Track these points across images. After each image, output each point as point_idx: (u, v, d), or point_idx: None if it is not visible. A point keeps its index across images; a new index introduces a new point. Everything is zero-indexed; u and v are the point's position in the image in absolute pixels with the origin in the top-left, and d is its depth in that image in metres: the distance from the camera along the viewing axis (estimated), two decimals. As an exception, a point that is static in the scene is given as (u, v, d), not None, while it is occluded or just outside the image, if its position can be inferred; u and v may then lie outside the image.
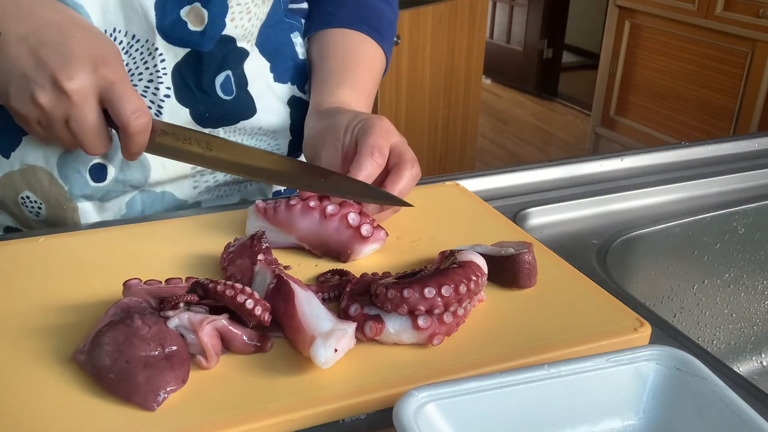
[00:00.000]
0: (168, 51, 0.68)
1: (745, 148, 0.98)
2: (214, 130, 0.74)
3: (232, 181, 0.79)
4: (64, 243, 0.63)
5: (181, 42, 0.68)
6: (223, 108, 0.73)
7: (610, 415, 0.44)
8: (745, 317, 0.89)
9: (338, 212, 0.60)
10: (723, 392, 0.42)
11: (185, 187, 0.76)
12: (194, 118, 0.72)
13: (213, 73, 0.71)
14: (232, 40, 0.71)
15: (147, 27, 0.66)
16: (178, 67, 0.69)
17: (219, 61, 0.70)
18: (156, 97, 0.69)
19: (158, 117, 0.70)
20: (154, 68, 0.68)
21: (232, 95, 0.73)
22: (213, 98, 0.72)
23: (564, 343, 0.51)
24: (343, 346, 0.46)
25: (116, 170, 0.71)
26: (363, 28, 0.80)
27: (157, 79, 0.68)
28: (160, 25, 0.66)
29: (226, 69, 0.72)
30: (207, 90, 0.71)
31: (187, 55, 0.68)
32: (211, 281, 0.49)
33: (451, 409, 0.41)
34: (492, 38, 4.85)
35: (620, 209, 0.81)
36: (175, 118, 0.70)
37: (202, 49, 0.68)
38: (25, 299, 0.54)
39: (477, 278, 0.51)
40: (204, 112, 0.72)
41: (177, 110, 0.70)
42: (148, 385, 0.44)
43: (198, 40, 0.68)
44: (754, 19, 2.65)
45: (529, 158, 3.69)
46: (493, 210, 0.72)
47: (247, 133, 0.76)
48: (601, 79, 3.36)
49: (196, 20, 0.67)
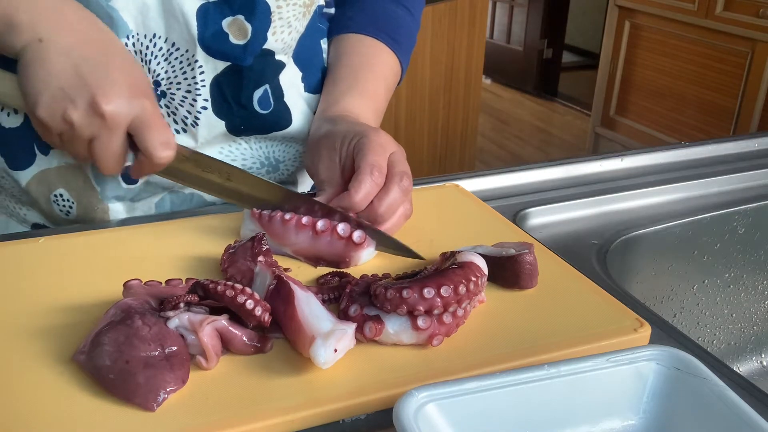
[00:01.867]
0: (207, 63, 0.67)
1: (745, 148, 0.98)
2: (248, 137, 0.74)
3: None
4: (64, 243, 0.63)
5: (222, 55, 0.67)
6: (258, 121, 0.73)
7: (610, 415, 0.44)
8: (745, 317, 0.89)
9: (329, 227, 0.60)
10: (723, 392, 0.42)
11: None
12: (229, 130, 0.72)
13: (252, 88, 0.71)
14: (271, 54, 0.71)
15: (188, 37, 0.65)
16: (217, 80, 0.68)
17: (258, 75, 0.70)
18: (193, 108, 0.69)
19: (194, 128, 0.70)
20: (193, 80, 0.68)
21: (269, 109, 0.73)
22: (250, 112, 0.71)
23: (564, 343, 0.51)
24: (343, 346, 0.46)
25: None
26: (380, 36, 0.79)
27: (195, 90, 0.68)
28: (201, 36, 0.65)
29: (264, 83, 0.71)
30: (245, 105, 0.71)
31: (226, 69, 0.68)
32: (212, 282, 0.49)
33: (451, 409, 0.41)
34: (492, 38, 4.85)
35: (620, 209, 0.81)
36: (210, 130, 0.70)
37: (243, 63, 0.68)
38: (25, 299, 0.54)
39: (477, 279, 0.51)
40: (239, 125, 0.72)
41: (212, 122, 0.70)
42: (148, 386, 0.44)
43: (239, 54, 0.67)
44: (754, 19, 2.65)
45: (529, 158, 3.69)
46: (492, 211, 0.72)
47: (278, 139, 0.76)
48: (601, 79, 3.36)
49: (239, 33, 0.66)
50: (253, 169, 0.77)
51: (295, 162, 0.80)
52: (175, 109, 0.69)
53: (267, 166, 0.77)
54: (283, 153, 0.78)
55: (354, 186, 0.61)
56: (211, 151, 0.73)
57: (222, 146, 0.73)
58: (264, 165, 0.77)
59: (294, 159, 0.79)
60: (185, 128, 0.70)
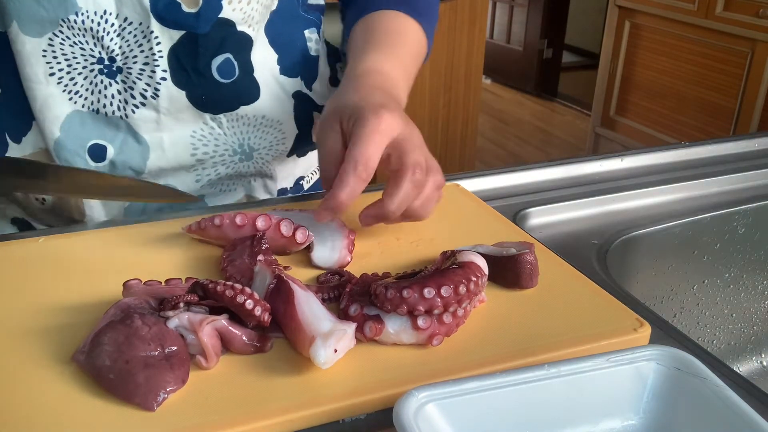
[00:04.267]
0: (163, 34, 0.67)
1: (745, 148, 0.98)
2: (216, 116, 0.73)
3: (234, 174, 0.79)
4: (64, 243, 0.63)
5: (176, 24, 0.67)
6: (220, 91, 0.72)
7: (610, 415, 0.44)
8: (745, 317, 0.89)
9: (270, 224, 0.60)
10: (723, 392, 0.42)
11: (188, 180, 0.76)
12: (192, 101, 0.71)
13: (209, 56, 0.70)
14: (231, 24, 0.70)
15: (141, 10, 0.66)
16: (174, 50, 0.69)
17: (216, 43, 0.70)
18: (152, 80, 0.69)
19: (155, 100, 0.70)
20: (150, 51, 0.68)
21: (232, 79, 0.72)
22: (209, 81, 0.71)
23: (564, 343, 0.51)
24: (342, 346, 0.46)
25: (115, 150, 0.71)
26: (401, 8, 0.77)
27: (153, 62, 0.68)
28: (154, 7, 0.66)
29: (224, 52, 0.71)
30: (203, 72, 0.71)
31: (182, 38, 0.68)
32: (211, 281, 0.49)
33: (451, 409, 0.41)
34: (492, 38, 4.85)
35: (620, 209, 0.81)
36: (172, 101, 0.70)
37: (197, 31, 0.68)
38: (25, 299, 0.54)
39: (477, 279, 0.51)
40: (200, 95, 0.72)
41: (173, 92, 0.70)
42: (148, 386, 0.44)
43: (193, 22, 0.68)
44: (754, 19, 2.65)
45: (529, 158, 3.69)
46: (493, 211, 0.72)
47: (251, 123, 0.76)
48: (601, 79, 3.36)
49: (191, 2, 0.67)
50: (225, 156, 0.76)
51: (270, 151, 0.80)
52: (132, 84, 0.69)
53: (240, 153, 0.77)
54: (258, 140, 0.78)
55: (337, 183, 0.56)
56: (183, 134, 0.73)
57: (194, 129, 0.73)
58: (237, 152, 0.77)
59: (269, 148, 0.79)
60: (144, 102, 0.70)
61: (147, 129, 0.71)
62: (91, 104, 0.70)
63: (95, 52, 0.67)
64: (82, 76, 0.68)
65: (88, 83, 0.69)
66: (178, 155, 0.74)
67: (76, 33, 0.66)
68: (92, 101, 0.69)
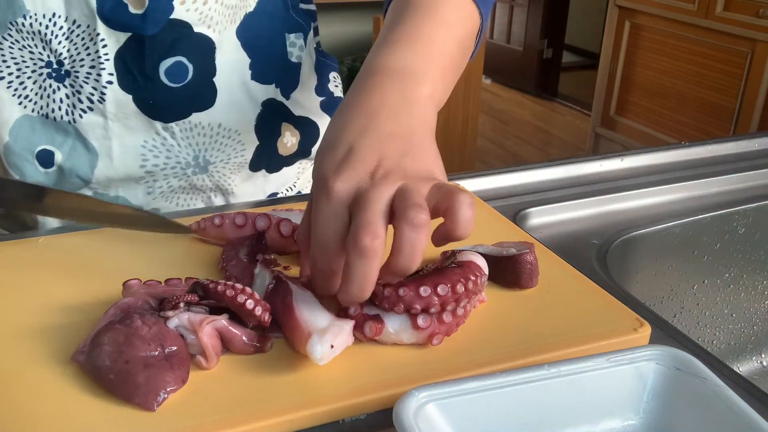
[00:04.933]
0: (110, 36, 0.66)
1: (745, 148, 0.98)
2: (167, 125, 0.71)
3: (189, 187, 0.77)
4: (64, 243, 0.63)
5: (122, 26, 0.66)
6: (169, 96, 0.70)
7: (610, 415, 0.44)
8: (745, 317, 0.89)
9: (270, 224, 0.60)
10: (723, 392, 0.42)
11: (138, 191, 0.75)
12: (139, 106, 0.70)
13: (157, 59, 0.68)
14: (186, 25, 0.68)
15: (88, 12, 0.65)
16: (120, 53, 0.67)
17: (166, 45, 0.68)
18: (98, 83, 0.68)
19: (101, 104, 0.68)
20: (96, 54, 0.67)
21: (183, 83, 0.70)
22: (156, 84, 0.69)
23: (564, 343, 0.51)
24: (340, 342, 0.46)
25: (63, 156, 0.70)
26: None
27: (99, 65, 0.67)
28: (100, 9, 0.65)
29: (175, 55, 0.69)
30: (150, 76, 0.69)
31: (129, 40, 0.67)
32: (212, 281, 0.49)
33: (451, 409, 0.41)
34: (492, 38, 4.85)
35: (620, 209, 0.81)
36: (119, 106, 0.69)
37: (144, 32, 0.66)
38: (25, 299, 0.54)
39: (476, 278, 0.51)
40: (147, 99, 0.70)
41: (120, 97, 0.69)
42: (148, 386, 0.44)
43: (139, 24, 0.66)
44: (754, 19, 2.65)
45: (529, 158, 3.69)
46: (493, 210, 0.72)
47: (206, 133, 0.74)
48: (601, 79, 3.36)
49: (137, 3, 0.65)
50: (177, 168, 0.74)
51: (228, 164, 0.77)
52: (79, 88, 0.68)
53: (194, 166, 0.75)
54: (215, 152, 0.75)
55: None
56: (133, 143, 0.71)
57: (145, 139, 0.71)
58: (191, 165, 0.75)
59: (227, 161, 0.77)
60: (91, 106, 0.69)
61: (95, 135, 0.70)
62: (40, 108, 0.69)
63: (44, 55, 0.66)
64: (31, 80, 0.67)
65: (38, 87, 0.68)
66: (127, 165, 0.72)
67: (24, 36, 0.65)
68: (41, 105, 0.69)
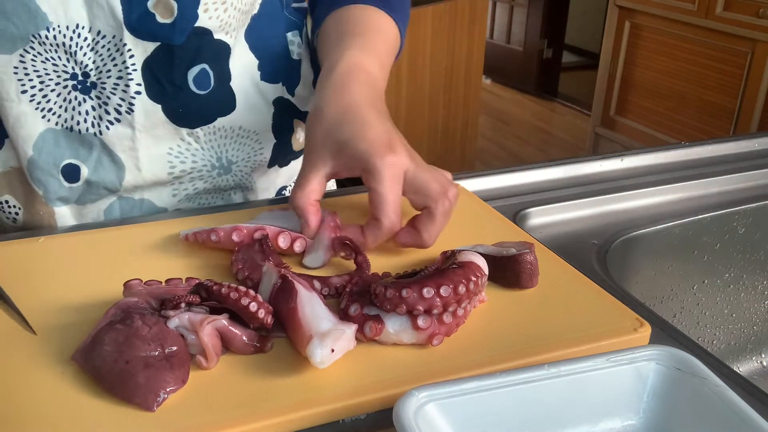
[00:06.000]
0: (137, 46, 0.66)
1: (745, 148, 0.98)
2: (193, 131, 0.72)
3: (212, 189, 0.78)
4: (64, 243, 0.63)
5: (150, 36, 0.65)
6: (197, 103, 0.71)
7: (610, 415, 0.44)
8: (745, 317, 0.89)
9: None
10: (723, 392, 0.42)
11: (164, 194, 0.75)
12: (167, 115, 0.70)
13: (185, 67, 0.69)
14: (208, 33, 0.68)
15: (114, 23, 0.64)
16: (148, 63, 0.67)
17: (192, 54, 0.68)
18: (126, 94, 0.67)
19: (129, 115, 0.68)
20: (123, 65, 0.66)
21: (208, 90, 0.71)
22: (186, 93, 0.69)
23: (564, 343, 0.51)
24: (340, 346, 0.46)
25: (89, 170, 0.70)
26: (372, 2, 0.75)
27: (126, 76, 0.67)
28: (127, 19, 0.64)
29: (200, 62, 0.69)
30: (179, 85, 0.69)
31: (157, 50, 0.66)
32: (215, 283, 0.49)
33: (451, 409, 0.41)
34: (492, 38, 4.85)
35: (620, 209, 0.81)
36: (147, 116, 0.69)
37: (172, 42, 0.66)
38: (25, 299, 0.54)
39: (477, 279, 0.51)
40: (177, 108, 0.70)
41: (148, 107, 0.68)
42: (148, 386, 0.44)
43: (168, 33, 0.66)
44: (754, 19, 2.65)
45: (529, 158, 3.69)
46: (493, 210, 0.72)
47: (228, 135, 0.75)
48: (601, 79, 3.36)
49: (165, 12, 0.65)
50: (203, 171, 0.75)
51: (249, 162, 0.78)
52: (107, 99, 0.67)
53: (219, 168, 0.76)
54: (236, 153, 0.76)
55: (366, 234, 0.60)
56: (159, 151, 0.71)
57: (170, 146, 0.72)
58: (215, 167, 0.75)
59: (247, 160, 0.78)
60: (119, 118, 0.68)
61: (122, 147, 0.69)
62: (64, 122, 0.68)
63: (68, 67, 0.65)
64: (55, 93, 0.66)
65: (62, 100, 0.67)
66: (155, 173, 0.72)
67: (48, 49, 0.64)
68: (66, 118, 0.68)
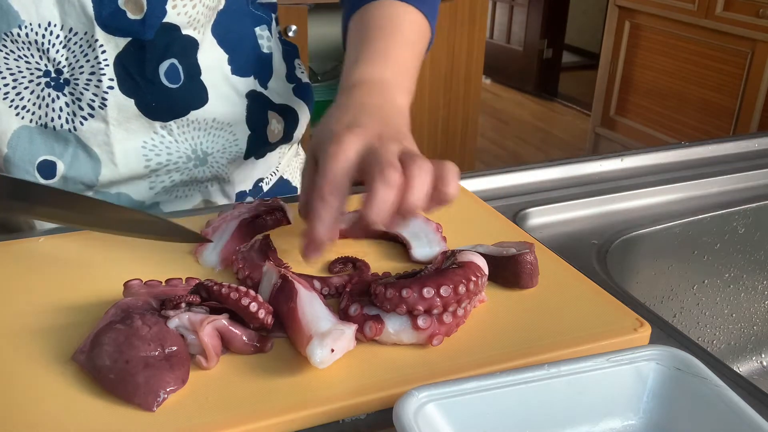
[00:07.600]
0: (108, 42, 0.67)
1: (745, 148, 0.98)
2: (166, 124, 0.72)
3: (189, 180, 0.78)
4: (64, 243, 0.63)
5: (121, 32, 0.66)
6: (169, 97, 0.71)
7: (610, 415, 0.44)
8: (745, 317, 0.89)
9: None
10: (723, 392, 0.42)
11: (141, 188, 0.75)
12: (141, 109, 0.70)
13: (156, 62, 0.69)
14: (176, 28, 0.69)
15: (85, 20, 0.65)
16: (119, 58, 0.68)
17: (162, 49, 0.69)
18: (99, 89, 0.68)
19: (102, 110, 0.69)
20: (95, 60, 0.67)
21: (179, 83, 0.71)
22: (158, 87, 0.70)
23: (564, 343, 0.51)
24: (340, 346, 0.46)
25: (66, 166, 0.70)
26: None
27: (99, 71, 0.67)
28: (98, 16, 0.65)
29: (170, 57, 0.70)
30: (151, 79, 0.70)
31: (128, 45, 0.67)
32: (215, 283, 0.49)
33: (451, 409, 0.41)
34: (492, 38, 4.85)
35: (620, 209, 0.81)
36: (121, 110, 0.69)
37: (143, 37, 0.67)
38: (25, 299, 0.54)
39: (477, 279, 0.51)
40: (150, 102, 0.70)
41: (121, 101, 0.69)
42: (147, 386, 0.44)
43: (138, 29, 0.67)
44: (754, 19, 2.65)
45: (529, 158, 3.69)
46: (493, 210, 0.72)
47: (202, 127, 0.75)
48: (601, 79, 3.36)
49: (135, 8, 0.66)
50: (179, 164, 0.75)
51: (225, 154, 0.78)
52: (80, 95, 0.68)
53: (195, 159, 0.76)
54: (211, 144, 0.77)
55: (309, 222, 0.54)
56: (134, 145, 0.72)
57: (145, 140, 0.72)
58: (191, 159, 0.76)
59: (223, 151, 0.78)
60: (92, 113, 0.69)
61: (96, 142, 0.70)
62: (39, 119, 0.69)
63: (41, 64, 0.66)
64: (28, 90, 0.67)
65: (35, 97, 0.68)
66: (131, 167, 0.73)
67: (20, 47, 0.65)
68: (40, 115, 0.69)
